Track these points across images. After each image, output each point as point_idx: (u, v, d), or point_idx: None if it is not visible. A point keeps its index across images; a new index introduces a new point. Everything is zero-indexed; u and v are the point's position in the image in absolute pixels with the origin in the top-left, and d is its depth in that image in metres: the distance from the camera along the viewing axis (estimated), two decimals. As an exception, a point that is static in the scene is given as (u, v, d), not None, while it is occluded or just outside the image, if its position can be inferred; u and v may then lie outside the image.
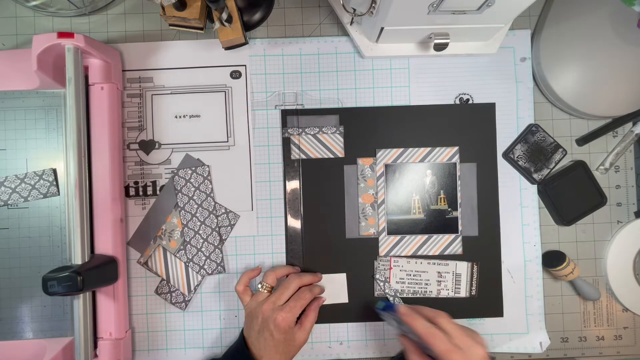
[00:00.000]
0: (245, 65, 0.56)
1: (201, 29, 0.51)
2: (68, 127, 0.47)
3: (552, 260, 0.54)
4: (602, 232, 0.57)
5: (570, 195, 0.55)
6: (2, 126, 0.53)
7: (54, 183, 0.53)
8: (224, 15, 0.48)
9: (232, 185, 0.55)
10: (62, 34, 0.46)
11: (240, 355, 0.49)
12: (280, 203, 0.55)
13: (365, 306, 0.55)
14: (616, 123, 0.56)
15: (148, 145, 0.55)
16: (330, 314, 0.55)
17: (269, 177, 0.55)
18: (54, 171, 0.53)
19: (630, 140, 0.56)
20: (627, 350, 0.56)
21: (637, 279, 0.55)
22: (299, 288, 0.51)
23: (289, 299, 0.49)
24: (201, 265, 0.54)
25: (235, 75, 0.56)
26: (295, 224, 0.55)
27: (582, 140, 0.56)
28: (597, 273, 0.56)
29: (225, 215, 0.55)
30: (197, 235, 0.54)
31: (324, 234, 0.55)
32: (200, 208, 0.55)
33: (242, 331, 0.51)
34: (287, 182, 0.55)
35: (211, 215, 0.55)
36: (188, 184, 0.55)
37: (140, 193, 0.55)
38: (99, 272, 0.47)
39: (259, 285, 0.51)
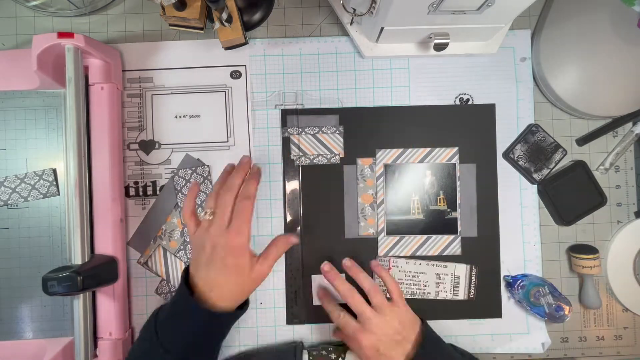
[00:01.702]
0: (245, 65, 0.56)
1: (201, 29, 0.51)
2: (68, 127, 0.47)
3: (582, 249, 0.55)
4: (602, 232, 0.57)
5: (570, 195, 0.55)
6: (2, 126, 0.53)
7: (54, 183, 0.53)
8: (224, 15, 0.47)
9: (232, 185, 0.55)
10: (62, 34, 0.46)
11: (181, 299, 0.43)
12: (280, 203, 0.55)
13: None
14: (616, 123, 0.56)
15: (148, 145, 0.55)
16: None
17: (269, 177, 0.55)
18: (54, 171, 0.53)
19: (630, 140, 0.56)
20: (627, 350, 0.56)
21: (637, 279, 0.55)
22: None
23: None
24: (201, 265, 0.54)
25: (235, 75, 0.56)
26: (294, 223, 0.55)
27: (582, 140, 0.56)
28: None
29: None
30: (197, 235, 0.54)
31: (322, 234, 0.55)
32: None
33: (184, 270, 0.46)
34: (286, 182, 0.55)
35: (211, 215, 0.55)
36: (188, 184, 0.55)
37: (140, 193, 0.55)
38: (99, 272, 0.47)
39: (202, 213, 0.46)
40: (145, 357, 0.45)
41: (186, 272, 0.45)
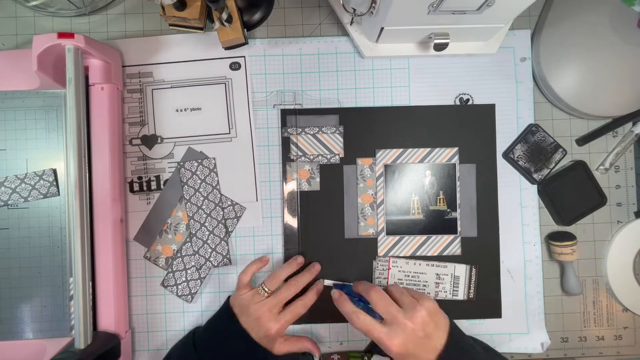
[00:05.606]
0: (244, 57, 0.56)
1: (201, 29, 0.51)
2: (68, 127, 0.47)
3: (559, 236, 0.55)
4: (602, 232, 0.57)
5: (570, 195, 0.55)
6: (2, 126, 0.53)
7: (54, 183, 0.53)
8: (224, 15, 0.47)
9: (236, 176, 0.55)
10: (62, 34, 0.46)
11: (226, 322, 0.50)
12: (278, 203, 0.55)
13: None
14: (616, 123, 0.56)
15: (150, 140, 0.55)
16: (330, 314, 0.55)
17: (269, 177, 0.55)
18: (54, 171, 0.53)
19: (630, 140, 0.56)
20: (627, 350, 0.56)
21: (637, 279, 0.55)
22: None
23: (284, 308, 0.50)
24: (207, 257, 0.54)
25: (235, 66, 0.56)
26: (293, 223, 0.55)
27: (582, 140, 0.56)
28: (597, 273, 0.56)
29: (232, 207, 0.55)
30: (202, 227, 0.54)
31: (322, 234, 0.55)
32: (206, 200, 0.55)
33: (227, 301, 0.52)
34: (285, 182, 0.55)
35: (217, 207, 0.55)
36: (194, 176, 0.55)
37: (144, 188, 0.55)
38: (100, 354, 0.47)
39: (260, 288, 0.50)
40: None
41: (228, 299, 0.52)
